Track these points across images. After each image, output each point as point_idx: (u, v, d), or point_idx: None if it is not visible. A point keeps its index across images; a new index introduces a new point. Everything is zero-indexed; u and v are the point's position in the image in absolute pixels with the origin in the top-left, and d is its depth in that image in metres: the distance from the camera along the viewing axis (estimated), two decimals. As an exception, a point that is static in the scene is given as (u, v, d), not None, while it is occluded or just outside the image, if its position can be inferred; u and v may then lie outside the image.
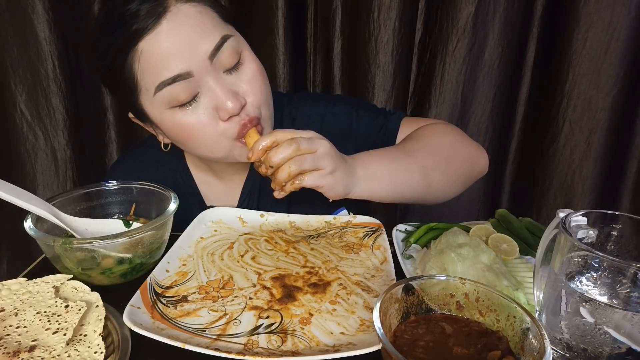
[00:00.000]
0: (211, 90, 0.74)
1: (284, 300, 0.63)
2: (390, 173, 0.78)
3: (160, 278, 0.67)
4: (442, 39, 1.33)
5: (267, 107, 0.81)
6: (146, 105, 0.77)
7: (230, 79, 0.76)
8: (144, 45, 0.71)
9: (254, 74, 0.78)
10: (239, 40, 0.79)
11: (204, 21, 0.74)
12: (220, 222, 0.84)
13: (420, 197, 0.85)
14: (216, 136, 0.77)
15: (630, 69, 1.31)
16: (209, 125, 0.76)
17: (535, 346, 0.43)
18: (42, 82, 1.24)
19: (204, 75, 0.73)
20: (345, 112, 0.95)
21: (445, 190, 0.88)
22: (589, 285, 0.53)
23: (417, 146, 0.85)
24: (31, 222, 0.67)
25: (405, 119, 0.95)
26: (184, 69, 0.72)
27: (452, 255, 0.66)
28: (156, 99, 0.74)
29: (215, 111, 0.75)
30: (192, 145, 0.81)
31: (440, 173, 0.84)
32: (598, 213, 0.56)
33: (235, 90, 0.76)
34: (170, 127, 0.78)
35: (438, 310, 0.51)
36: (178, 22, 0.72)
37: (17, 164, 1.32)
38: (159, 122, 0.79)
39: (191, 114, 0.75)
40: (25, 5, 1.18)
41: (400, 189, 0.80)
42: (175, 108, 0.75)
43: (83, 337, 0.53)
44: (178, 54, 0.71)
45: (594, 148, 1.39)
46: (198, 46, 0.72)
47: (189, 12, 0.73)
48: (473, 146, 0.92)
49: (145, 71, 0.73)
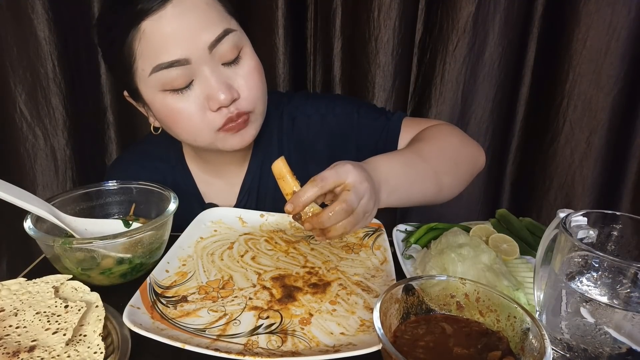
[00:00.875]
0: (206, 80, 0.75)
1: (284, 300, 0.63)
2: (407, 183, 0.76)
3: (160, 278, 0.67)
4: (442, 39, 1.33)
5: (260, 104, 0.82)
6: (140, 84, 0.78)
7: (227, 71, 0.77)
8: (147, 26, 0.72)
9: (251, 70, 0.79)
10: (241, 35, 0.80)
11: (209, 12, 0.75)
12: (220, 222, 0.84)
13: (430, 201, 0.85)
14: (201, 125, 0.78)
15: (630, 69, 1.31)
16: (196, 114, 0.77)
17: (536, 346, 0.42)
18: (41, 82, 1.24)
19: (201, 64, 0.74)
20: (347, 112, 0.95)
21: (453, 191, 0.88)
22: (589, 286, 0.53)
23: (432, 150, 0.84)
24: (31, 222, 0.67)
25: (406, 119, 0.95)
26: (182, 55, 0.73)
27: (452, 255, 0.66)
28: (150, 80, 0.75)
29: (206, 100, 0.76)
30: (177, 131, 0.82)
31: (450, 176, 0.85)
32: (598, 213, 0.55)
33: (230, 83, 0.77)
34: (159, 109, 0.79)
35: (438, 311, 0.51)
36: (183, 9, 0.73)
37: (17, 164, 1.31)
38: (150, 103, 0.80)
39: (182, 99, 0.76)
40: (25, 5, 1.18)
41: (413, 197, 0.79)
42: (168, 91, 0.76)
43: (83, 337, 0.53)
44: (178, 40, 0.72)
45: (594, 148, 1.39)
46: (199, 35, 0.73)
47: (196, 0, 0.74)
48: (474, 145, 0.93)
49: (144, 51, 0.74)
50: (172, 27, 0.72)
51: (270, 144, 0.94)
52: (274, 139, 0.95)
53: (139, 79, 0.77)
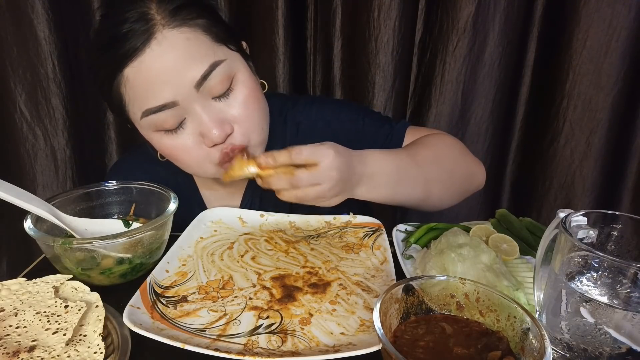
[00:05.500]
0: (198, 117, 0.73)
1: (284, 300, 0.63)
2: (393, 183, 0.78)
3: (160, 278, 0.67)
4: (442, 39, 1.33)
5: (258, 133, 0.80)
6: (135, 124, 0.78)
7: (219, 105, 0.75)
8: (129, 72, 0.70)
9: (245, 100, 0.76)
10: (232, 63, 0.76)
11: (192, 48, 0.71)
12: (220, 222, 0.84)
13: (414, 206, 0.87)
14: (201, 159, 0.78)
15: (630, 69, 1.31)
16: (194, 150, 0.76)
17: (536, 346, 0.42)
18: (41, 82, 1.24)
19: (191, 103, 0.72)
20: (352, 119, 0.94)
21: (441, 202, 0.89)
22: (589, 286, 0.53)
23: (427, 156, 0.84)
24: (31, 222, 0.67)
25: (410, 128, 0.95)
26: (169, 98, 0.71)
27: (452, 255, 0.66)
28: (143, 122, 0.75)
29: (201, 137, 0.75)
30: (181, 165, 0.82)
31: (440, 187, 0.85)
32: (598, 213, 0.55)
33: (223, 117, 0.75)
34: (159, 147, 0.79)
35: (438, 311, 0.51)
36: (163, 50, 0.69)
37: (17, 164, 1.31)
38: (148, 140, 0.80)
39: (177, 138, 0.75)
40: (25, 5, 1.18)
41: (397, 198, 0.80)
42: (162, 131, 0.75)
43: (83, 337, 0.53)
44: (163, 84, 0.70)
45: (594, 148, 1.39)
46: (184, 75, 0.70)
47: (176, 39, 0.70)
48: (474, 162, 0.93)
49: (131, 97, 0.73)
50: (154, 70, 0.69)
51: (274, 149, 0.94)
52: (278, 144, 0.94)
53: (132, 119, 0.77)
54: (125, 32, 0.68)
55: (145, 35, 0.68)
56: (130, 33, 0.68)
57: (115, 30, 0.69)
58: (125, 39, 0.68)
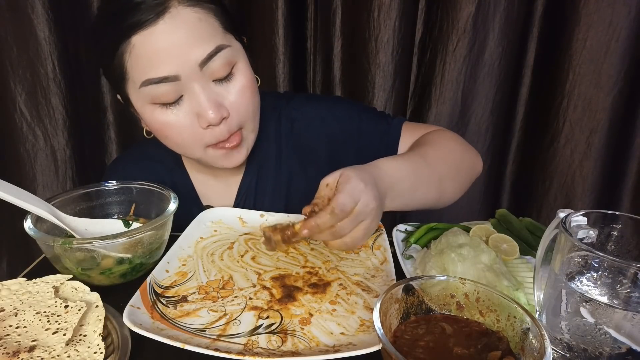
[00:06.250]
0: (195, 97, 0.74)
1: (284, 300, 0.63)
2: (412, 189, 0.76)
3: (160, 278, 0.67)
4: (442, 39, 1.33)
5: (251, 122, 0.82)
6: (131, 94, 0.78)
7: (218, 89, 0.76)
8: (137, 40, 0.71)
9: (242, 88, 0.78)
10: (235, 51, 0.77)
11: (202, 28, 0.73)
12: (220, 222, 0.84)
13: (430, 206, 0.84)
14: (190, 140, 0.78)
15: (631, 69, 1.31)
16: (186, 129, 0.77)
17: (536, 346, 0.42)
18: (41, 82, 1.25)
19: (191, 81, 0.73)
20: (348, 116, 0.94)
21: (453, 197, 0.88)
22: (589, 286, 0.53)
23: (437, 155, 0.84)
24: (31, 222, 0.67)
25: (406, 124, 0.95)
26: (172, 72, 0.72)
27: (452, 255, 0.66)
28: (140, 92, 0.75)
29: (195, 117, 0.76)
30: (166, 142, 0.82)
31: (452, 182, 0.85)
32: (598, 213, 0.55)
33: (220, 101, 0.76)
34: (149, 121, 0.79)
35: (438, 311, 0.51)
36: (175, 25, 0.71)
37: (17, 164, 1.32)
38: (140, 113, 0.80)
39: (171, 113, 0.76)
40: (25, 5, 1.18)
41: (415, 202, 0.79)
42: (157, 105, 0.75)
43: (83, 337, 0.53)
44: (169, 57, 0.71)
45: (594, 148, 1.39)
46: (190, 52, 0.72)
47: (189, 16, 0.72)
48: (473, 151, 0.93)
49: (134, 65, 0.73)
50: (162, 43, 0.71)
51: (268, 145, 0.94)
52: (272, 140, 0.94)
53: (129, 89, 0.77)
54: (139, 2, 0.70)
55: (160, 7, 0.70)
56: (145, 4, 0.70)
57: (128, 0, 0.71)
58: (138, 8, 0.70)
